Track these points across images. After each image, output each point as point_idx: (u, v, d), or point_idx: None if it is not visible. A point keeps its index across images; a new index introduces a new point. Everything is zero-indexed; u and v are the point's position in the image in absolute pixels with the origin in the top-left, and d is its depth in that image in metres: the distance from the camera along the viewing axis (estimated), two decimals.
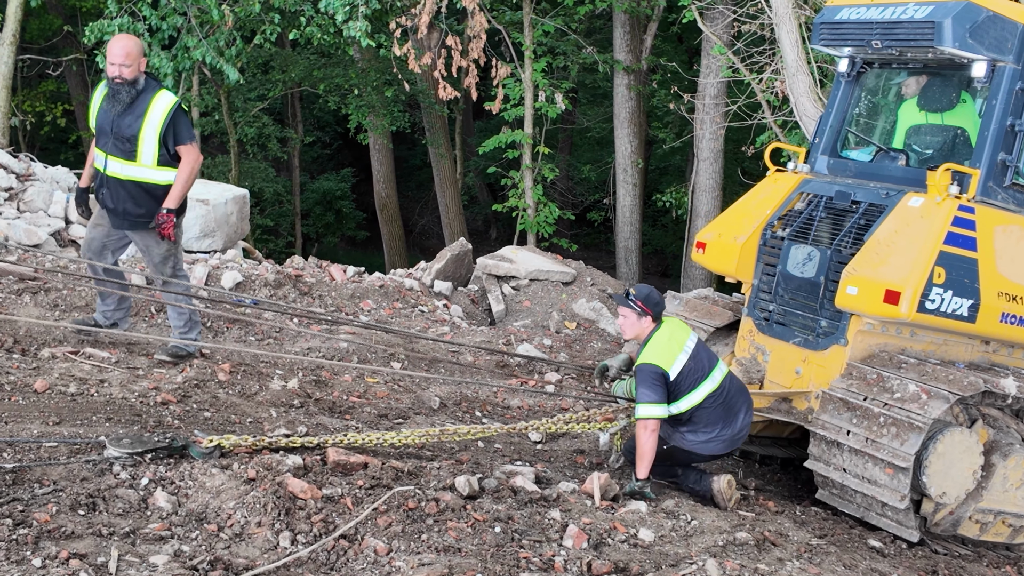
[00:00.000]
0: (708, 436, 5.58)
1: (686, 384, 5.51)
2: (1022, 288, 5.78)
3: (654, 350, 5.50)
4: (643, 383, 5.40)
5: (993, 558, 5.69)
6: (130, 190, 6.16)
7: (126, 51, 6.00)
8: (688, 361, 5.51)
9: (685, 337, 5.62)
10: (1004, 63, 5.77)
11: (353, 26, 12.23)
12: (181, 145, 6.16)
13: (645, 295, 5.58)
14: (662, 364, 5.44)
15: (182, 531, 4.24)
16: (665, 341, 5.54)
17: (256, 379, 6.44)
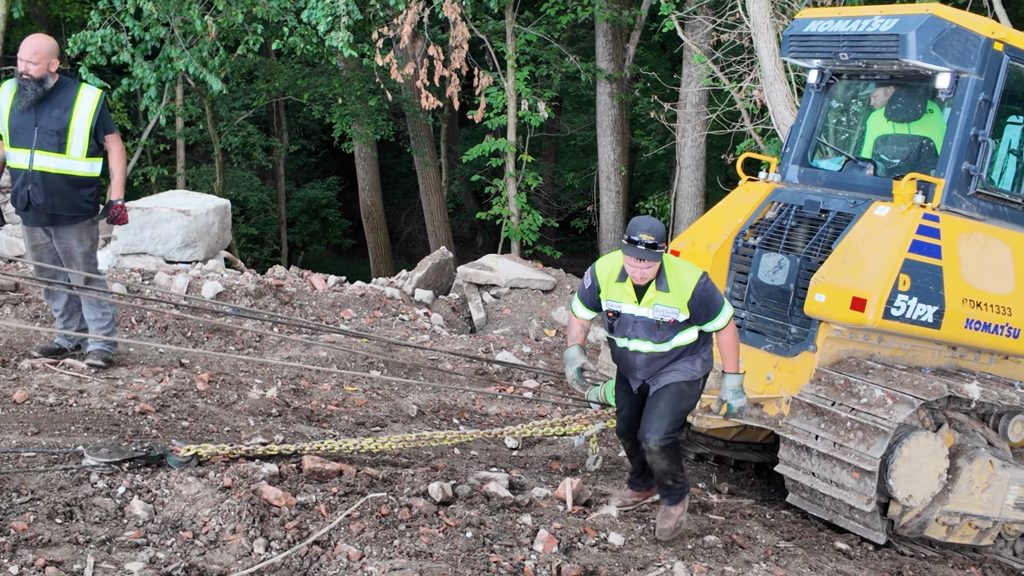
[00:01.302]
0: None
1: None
2: (986, 295, 5.90)
3: (687, 265, 5.01)
4: (714, 290, 4.92)
5: (959, 559, 5.79)
6: (59, 184, 6.23)
7: (35, 49, 6.12)
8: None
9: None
10: (967, 75, 5.89)
11: (335, 36, 12.32)
12: (110, 134, 6.38)
13: (660, 232, 4.76)
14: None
15: (157, 538, 4.31)
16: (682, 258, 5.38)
17: (235, 388, 6.51)
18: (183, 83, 16.91)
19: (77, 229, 6.33)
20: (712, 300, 4.91)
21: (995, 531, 5.98)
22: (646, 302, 4.91)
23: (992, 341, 5.95)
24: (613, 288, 4.98)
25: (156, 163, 18.44)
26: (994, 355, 6.24)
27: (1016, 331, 5.97)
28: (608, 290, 5.00)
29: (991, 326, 5.90)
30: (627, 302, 4.96)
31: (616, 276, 4.95)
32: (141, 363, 6.73)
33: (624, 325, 5.02)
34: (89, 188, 6.34)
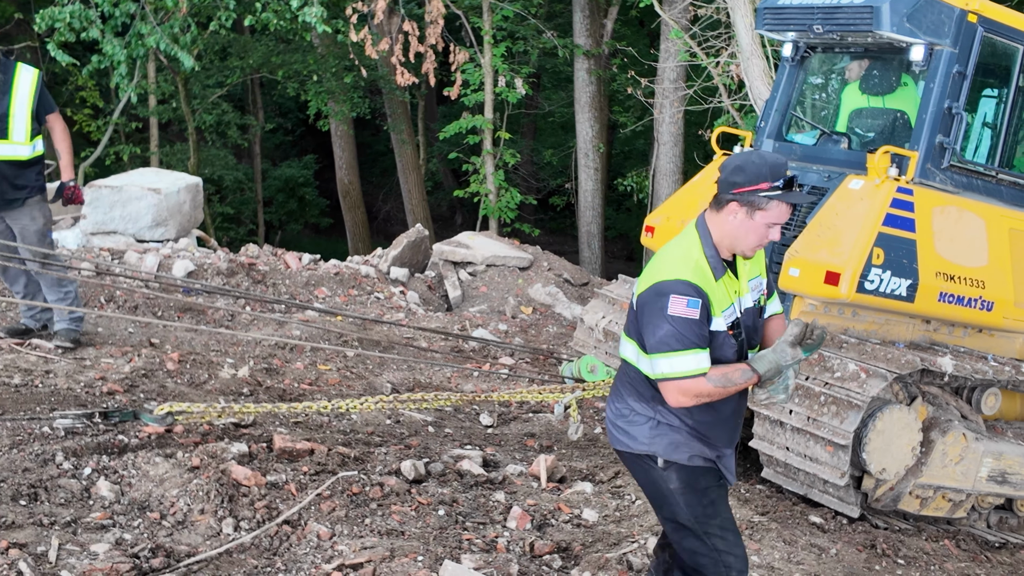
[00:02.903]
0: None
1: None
2: (960, 268, 5.89)
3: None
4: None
5: (932, 532, 5.81)
6: (4, 170, 6.13)
7: None
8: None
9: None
10: (941, 47, 5.85)
11: (309, 12, 12.16)
12: (50, 114, 6.28)
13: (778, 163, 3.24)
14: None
15: (124, 519, 4.26)
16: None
17: (206, 368, 6.44)
18: (155, 60, 16.69)
19: (29, 208, 6.23)
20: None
21: (968, 503, 6.00)
22: (742, 281, 3.41)
23: (966, 314, 5.95)
24: (718, 293, 3.27)
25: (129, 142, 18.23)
26: (968, 328, 6.24)
27: (989, 304, 5.97)
28: (715, 299, 3.25)
29: (965, 299, 5.89)
30: (734, 297, 3.34)
31: (712, 274, 3.26)
32: (110, 343, 6.65)
33: (748, 334, 3.41)
34: (35, 167, 6.26)
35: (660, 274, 3.24)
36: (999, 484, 5.93)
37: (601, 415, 7.10)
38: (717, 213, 3.28)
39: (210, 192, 19.30)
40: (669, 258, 3.28)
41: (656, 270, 3.27)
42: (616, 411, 3.46)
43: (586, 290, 10.53)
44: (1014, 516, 6.32)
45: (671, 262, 3.25)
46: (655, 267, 3.29)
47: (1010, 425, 6.26)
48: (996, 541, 6.00)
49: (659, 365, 3.21)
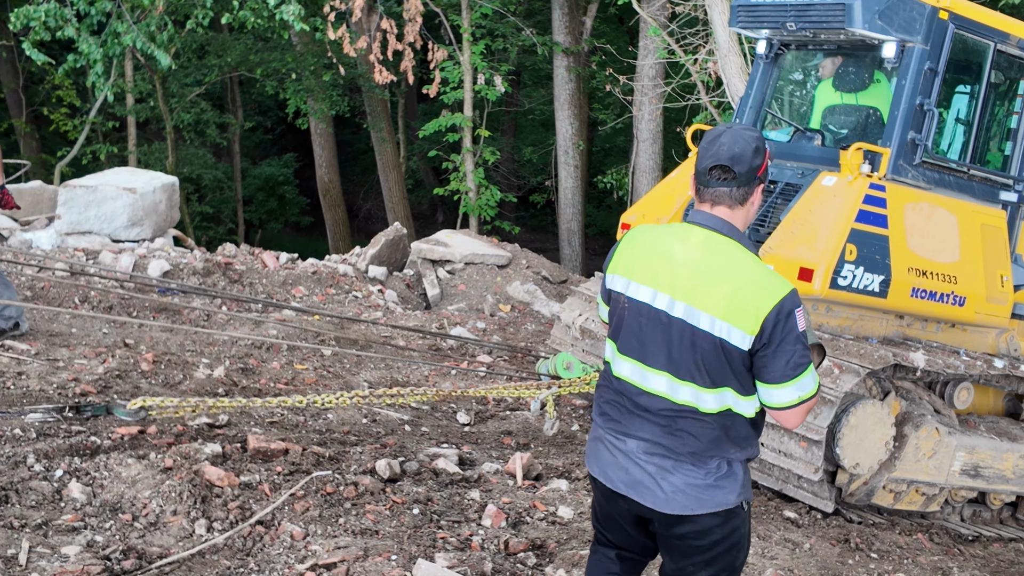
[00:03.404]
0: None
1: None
2: (932, 264, 5.93)
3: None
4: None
5: (906, 526, 5.85)
6: None
7: None
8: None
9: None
10: (913, 44, 5.89)
11: (286, 9, 12.09)
12: None
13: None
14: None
15: (96, 522, 4.24)
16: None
17: (181, 368, 6.41)
18: (132, 59, 16.59)
19: None
20: None
21: (942, 497, 6.05)
22: None
23: (938, 309, 5.99)
24: None
25: (106, 141, 18.11)
26: (940, 323, 6.29)
27: (962, 299, 6.01)
28: None
29: (937, 295, 5.93)
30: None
31: None
32: (84, 344, 6.61)
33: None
34: None
35: (773, 290, 2.76)
36: (972, 478, 5.98)
37: (578, 412, 7.11)
38: (742, 206, 2.88)
39: (189, 191, 19.20)
40: (759, 270, 2.80)
41: (749, 282, 2.77)
42: (704, 473, 2.86)
43: (564, 288, 10.55)
44: (987, 510, 6.37)
45: (767, 273, 2.80)
46: (751, 284, 2.76)
47: (982, 419, 6.31)
48: (969, 534, 6.05)
49: (789, 392, 2.81)
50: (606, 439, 2.99)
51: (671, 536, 2.95)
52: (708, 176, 2.88)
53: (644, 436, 2.90)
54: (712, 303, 2.79)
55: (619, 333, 2.97)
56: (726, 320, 2.78)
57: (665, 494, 2.86)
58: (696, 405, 2.84)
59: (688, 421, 2.85)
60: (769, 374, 2.81)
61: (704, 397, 2.83)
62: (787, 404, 2.84)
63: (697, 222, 2.90)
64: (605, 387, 3.04)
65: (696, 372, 2.82)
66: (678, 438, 2.86)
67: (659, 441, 2.88)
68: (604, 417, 3.01)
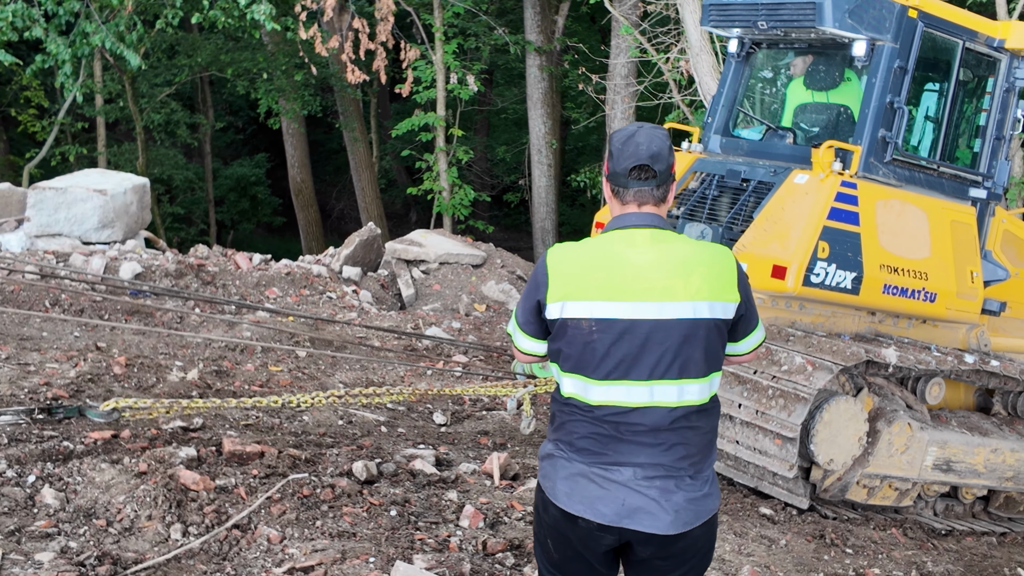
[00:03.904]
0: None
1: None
2: (903, 260, 5.98)
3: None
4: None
5: (880, 521, 5.90)
6: None
7: None
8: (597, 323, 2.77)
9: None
10: (883, 42, 5.94)
11: (257, 9, 12.02)
12: None
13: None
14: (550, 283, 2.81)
15: (69, 527, 4.20)
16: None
17: (154, 371, 6.36)
18: (101, 59, 16.43)
19: None
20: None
21: (914, 492, 6.11)
22: None
23: (909, 306, 6.05)
24: None
25: (75, 142, 17.92)
26: (912, 319, 6.35)
27: (932, 295, 6.07)
28: None
29: (908, 291, 5.99)
30: None
31: None
32: (55, 348, 6.54)
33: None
34: None
35: (726, 254, 2.83)
36: (944, 472, 6.04)
37: None
38: (664, 204, 2.88)
39: (160, 192, 19.05)
40: (706, 245, 2.86)
41: (712, 259, 2.79)
42: (699, 484, 2.82)
43: None
44: (959, 504, 6.44)
45: (710, 245, 2.88)
46: (714, 258, 2.79)
47: (954, 414, 6.38)
48: (942, 529, 6.11)
49: (759, 332, 2.96)
50: (591, 474, 2.79)
51: (664, 558, 2.85)
52: (628, 177, 2.81)
53: (639, 461, 2.76)
54: (696, 290, 2.74)
55: (590, 361, 2.76)
56: (716, 299, 2.75)
57: (670, 516, 2.76)
58: (692, 401, 2.78)
59: (683, 431, 2.78)
60: (748, 325, 2.87)
61: (695, 389, 2.77)
62: (758, 343, 2.95)
63: (634, 224, 2.81)
64: (579, 421, 2.81)
65: (690, 365, 2.75)
66: (675, 453, 2.78)
67: (657, 462, 2.77)
68: (582, 453, 2.81)
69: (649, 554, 2.85)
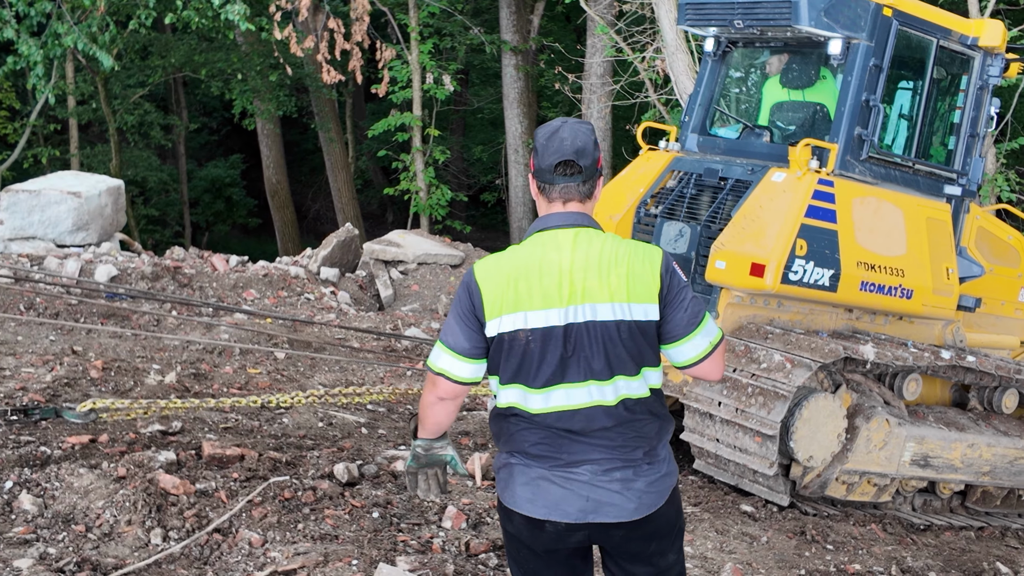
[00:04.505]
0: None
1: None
2: (880, 257, 6.03)
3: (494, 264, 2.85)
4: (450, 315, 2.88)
5: (860, 517, 5.94)
6: None
7: None
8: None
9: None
10: (858, 40, 5.98)
11: (231, 9, 11.94)
12: None
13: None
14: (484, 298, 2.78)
15: (48, 533, 4.16)
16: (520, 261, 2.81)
17: (131, 375, 6.31)
18: (73, 60, 16.28)
19: None
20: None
21: (893, 488, 6.15)
22: None
23: (886, 302, 6.09)
24: None
25: (47, 144, 17.75)
26: (889, 316, 6.39)
27: (909, 292, 6.12)
28: None
29: (885, 288, 6.03)
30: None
31: None
32: (30, 352, 6.48)
33: None
34: None
35: (652, 254, 2.79)
36: (922, 468, 6.09)
37: None
38: (591, 200, 2.86)
39: (134, 194, 18.90)
40: (632, 244, 2.81)
41: (632, 259, 2.76)
42: (656, 466, 2.84)
43: None
44: (937, 499, 6.50)
45: (638, 244, 2.82)
46: (634, 259, 2.76)
47: (931, 409, 6.43)
48: (921, 524, 6.16)
49: (699, 341, 2.82)
50: (551, 476, 2.78)
51: (637, 540, 2.87)
52: (553, 173, 2.77)
53: (594, 457, 2.77)
54: (613, 291, 2.73)
55: (528, 371, 2.75)
56: (633, 301, 2.74)
57: (633, 503, 2.79)
58: (631, 395, 2.77)
59: (630, 423, 2.79)
60: (676, 330, 2.79)
61: (633, 385, 2.77)
62: (702, 354, 2.82)
63: (558, 224, 2.78)
64: (525, 431, 2.80)
65: (620, 363, 2.74)
66: (628, 445, 2.79)
67: (612, 456, 2.78)
68: (539, 459, 2.79)
69: (620, 540, 2.86)
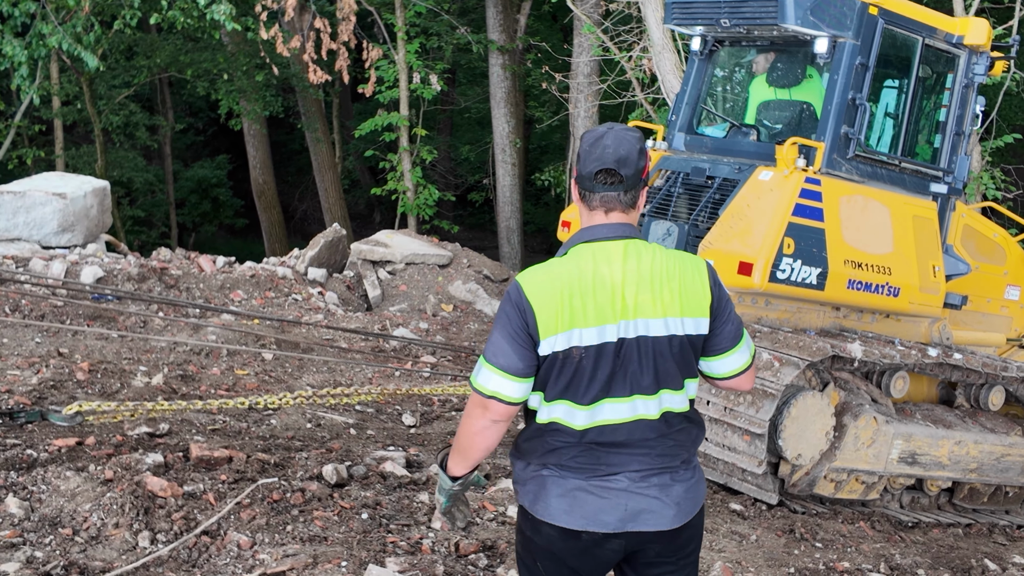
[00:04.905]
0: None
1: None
2: (867, 255, 6.05)
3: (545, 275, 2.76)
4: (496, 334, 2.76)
5: (848, 514, 5.96)
6: None
7: None
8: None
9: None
10: (844, 39, 5.99)
11: (217, 9, 11.89)
12: None
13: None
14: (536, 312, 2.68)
15: (35, 537, 4.14)
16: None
17: (118, 377, 6.28)
18: (58, 60, 16.19)
19: None
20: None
21: (881, 485, 6.17)
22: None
23: (873, 300, 6.11)
24: None
25: (32, 145, 17.63)
26: (876, 314, 6.41)
27: (896, 290, 6.14)
28: None
29: (872, 286, 6.05)
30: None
31: None
32: (16, 354, 6.44)
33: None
34: None
35: (699, 265, 2.79)
36: (909, 465, 6.11)
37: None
38: (634, 210, 2.81)
39: (119, 195, 18.81)
40: (680, 255, 2.79)
41: (683, 273, 2.74)
42: (691, 472, 2.84)
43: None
44: (924, 496, 6.52)
45: (683, 254, 2.81)
46: (684, 272, 2.74)
47: (918, 407, 6.46)
48: (909, 521, 6.18)
49: (743, 353, 2.86)
50: (589, 487, 2.74)
51: (667, 552, 2.83)
52: (594, 181, 2.73)
53: (635, 467, 2.74)
54: (666, 306, 2.70)
55: (577, 387, 2.70)
56: (686, 315, 2.72)
57: (672, 510, 2.76)
58: (671, 408, 2.75)
59: (671, 435, 2.77)
60: (723, 342, 2.79)
61: (676, 399, 2.76)
62: (743, 366, 2.83)
63: (605, 236, 2.73)
64: (565, 446, 2.74)
65: (667, 378, 2.73)
66: (666, 454, 2.77)
67: (653, 464, 2.75)
68: (577, 471, 2.75)
69: (655, 553, 2.82)
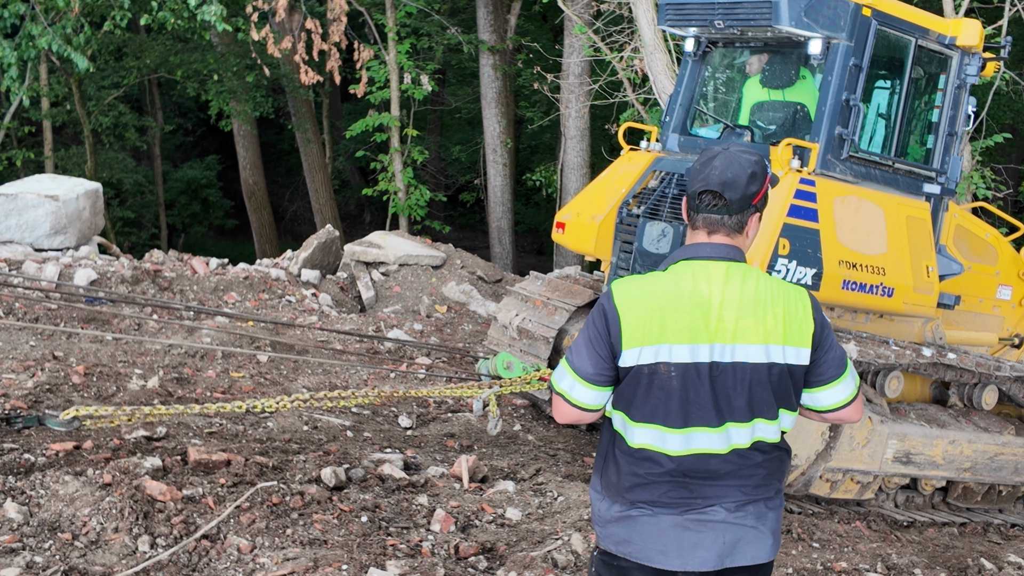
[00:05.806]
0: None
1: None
2: (861, 256, 6.07)
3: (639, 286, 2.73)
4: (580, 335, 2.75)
5: (844, 514, 5.99)
6: None
7: None
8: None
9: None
10: (838, 40, 6.02)
11: (207, 10, 11.86)
12: None
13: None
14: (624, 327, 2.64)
15: (34, 542, 4.12)
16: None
17: (113, 380, 6.26)
18: (47, 62, 16.12)
19: None
20: None
21: (876, 485, 6.20)
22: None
23: (868, 301, 6.14)
24: None
25: (21, 146, 17.56)
26: (870, 314, 6.44)
27: (890, 290, 6.17)
28: None
29: (867, 286, 6.07)
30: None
31: None
32: (11, 358, 6.41)
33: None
34: None
35: (802, 295, 2.71)
36: (904, 464, 6.14)
37: (519, 411, 7.13)
38: (740, 234, 2.70)
39: (109, 196, 18.74)
40: (782, 283, 2.73)
41: (788, 300, 2.67)
42: (778, 503, 2.78)
43: (500, 287, 10.56)
44: (919, 495, 6.55)
45: (785, 283, 2.74)
46: (788, 300, 2.67)
47: (912, 407, 6.49)
48: (904, 520, 6.21)
49: (848, 383, 2.78)
50: (684, 523, 2.65)
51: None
52: (698, 200, 2.69)
53: (732, 498, 2.67)
54: (768, 332, 2.62)
55: (666, 409, 2.61)
56: (788, 344, 2.64)
57: (769, 539, 2.71)
58: (764, 439, 2.69)
59: (762, 463, 2.70)
60: (827, 372, 2.72)
61: (770, 429, 2.70)
62: (849, 398, 2.77)
63: (708, 256, 2.66)
64: (659, 481, 2.65)
65: (762, 407, 2.65)
66: (761, 480, 2.71)
67: (749, 495, 2.68)
68: (671, 507, 2.65)
69: None
